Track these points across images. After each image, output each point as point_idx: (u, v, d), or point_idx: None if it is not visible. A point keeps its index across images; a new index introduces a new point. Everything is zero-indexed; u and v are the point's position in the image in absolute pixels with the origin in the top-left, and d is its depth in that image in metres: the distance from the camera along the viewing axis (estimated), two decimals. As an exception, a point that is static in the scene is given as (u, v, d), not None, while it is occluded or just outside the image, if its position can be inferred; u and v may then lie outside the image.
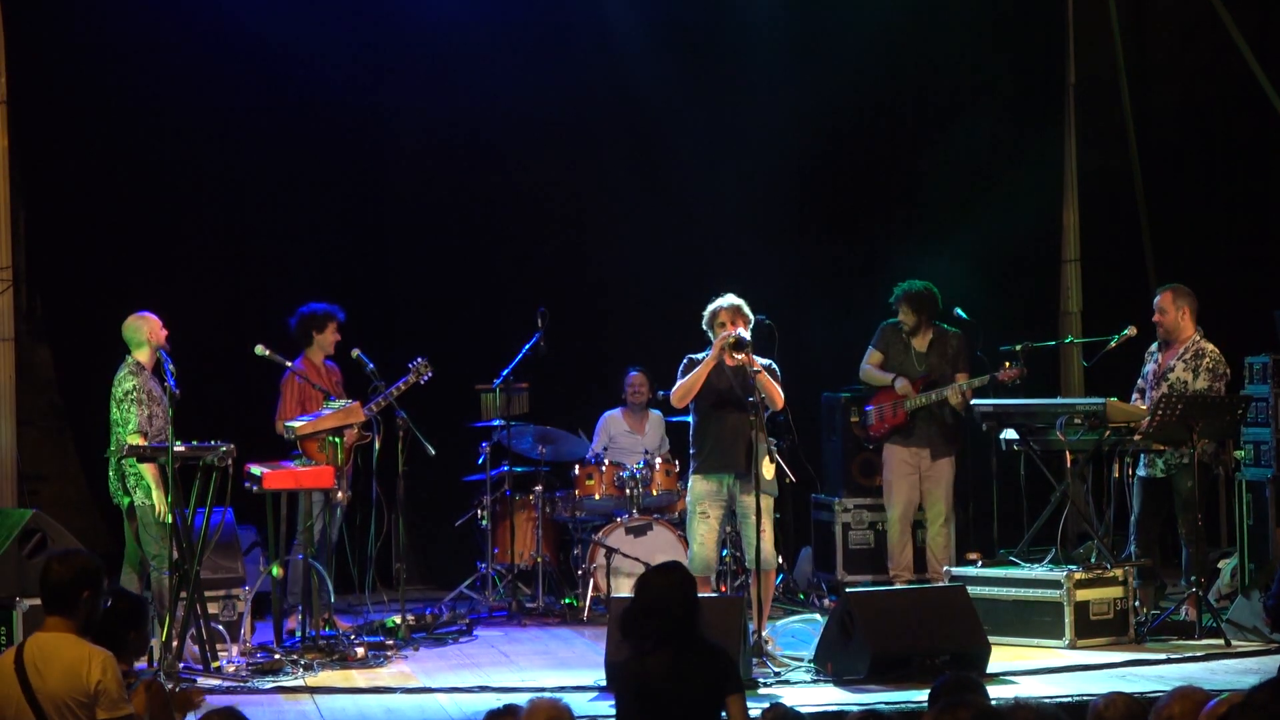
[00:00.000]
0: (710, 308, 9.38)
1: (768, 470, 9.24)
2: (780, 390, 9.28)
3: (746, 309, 9.34)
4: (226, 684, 8.75)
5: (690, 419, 9.54)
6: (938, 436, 11.12)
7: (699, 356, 9.33)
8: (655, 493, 11.35)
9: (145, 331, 9.61)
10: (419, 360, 10.41)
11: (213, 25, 11.72)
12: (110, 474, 9.63)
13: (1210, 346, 10.31)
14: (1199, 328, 10.34)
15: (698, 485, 9.39)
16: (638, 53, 12.45)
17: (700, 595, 6.39)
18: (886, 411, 11.23)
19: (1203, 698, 4.74)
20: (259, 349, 10.06)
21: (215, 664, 9.04)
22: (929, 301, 11.15)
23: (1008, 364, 10.76)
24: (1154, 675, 8.73)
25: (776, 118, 12.65)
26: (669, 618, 6.06)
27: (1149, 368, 10.50)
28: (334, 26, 11.96)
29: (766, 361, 9.32)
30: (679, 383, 9.35)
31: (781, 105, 12.68)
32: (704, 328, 9.39)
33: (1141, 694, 7.23)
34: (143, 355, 9.61)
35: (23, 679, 5.65)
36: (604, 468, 11.43)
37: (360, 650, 9.50)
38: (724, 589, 10.28)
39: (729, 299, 9.36)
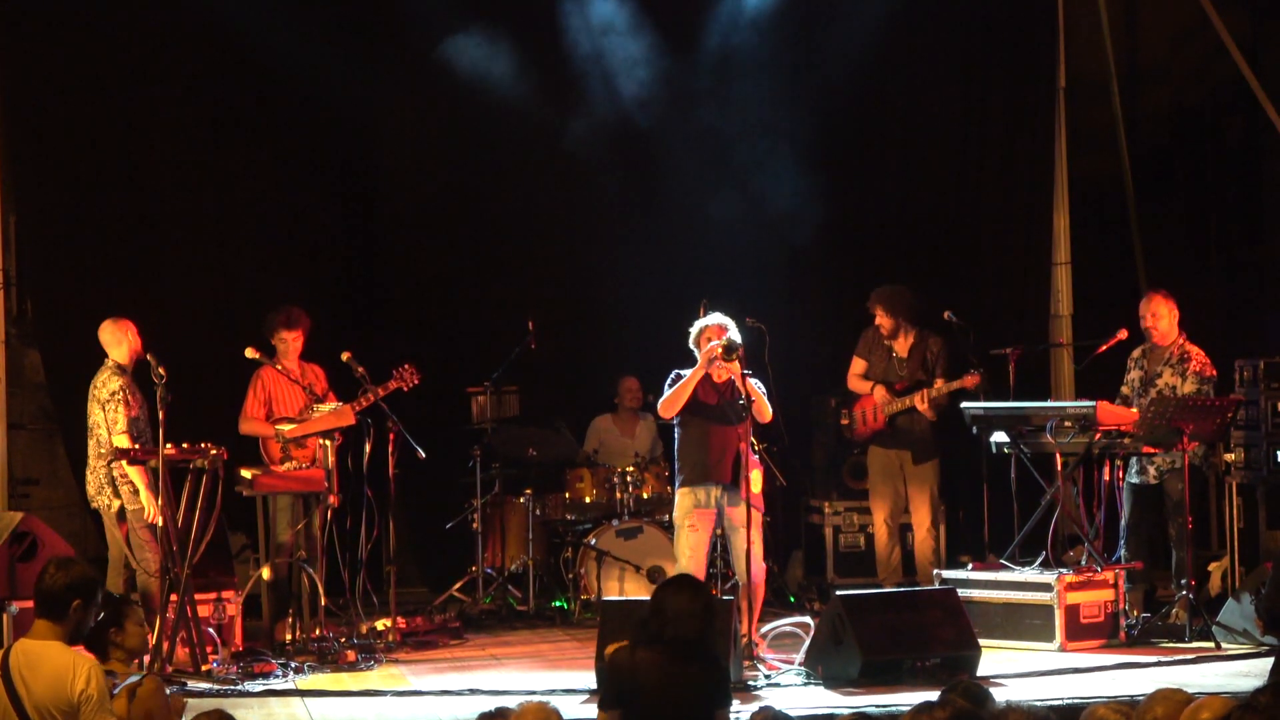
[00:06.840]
0: (697, 325, 9.35)
1: (755, 483, 9.21)
2: (769, 404, 9.26)
3: (734, 329, 9.29)
4: (216, 687, 8.73)
5: (676, 432, 9.51)
6: (918, 440, 11.08)
7: (686, 372, 9.31)
8: (646, 495, 11.34)
9: (123, 334, 9.61)
10: (406, 366, 10.39)
11: (203, 28, 11.69)
12: (90, 476, 9.61)
13: (1195, 349, 10.34)
14: (1181, 331, 10.39)
15: (685, 499, 9.35)
16: (631, 59, 12.42)
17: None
18: (868, 415, 11.23)
19: (1184, 698, 4.74)
20: (249, 352, 10.07)
21: (205, 667, 9.03)
22: (901, 300, 11.08)
23: (971, 371, 10.74)
24: (1144, 678, 8.72)
25: (766, 120, 12.63)
26: (686, 641, 6.07)
27: (1134, 374, 10.51)
28: (325, 31, 11.91)
29: (755, 380, 9.27)
30: (666, 395, 9.34)
31: (771, 107, 12.66)
32: (690, 346, 9.36)
33: (1130, 697, 7.24)
34: (122, 358, 9.60)
35: (8, 685, 5.63)
36: (595, 470, 11.42)
37: (350, 653, 9.49)
38: (715, 592, 10.27)
39: (716, 317, 9.33)
